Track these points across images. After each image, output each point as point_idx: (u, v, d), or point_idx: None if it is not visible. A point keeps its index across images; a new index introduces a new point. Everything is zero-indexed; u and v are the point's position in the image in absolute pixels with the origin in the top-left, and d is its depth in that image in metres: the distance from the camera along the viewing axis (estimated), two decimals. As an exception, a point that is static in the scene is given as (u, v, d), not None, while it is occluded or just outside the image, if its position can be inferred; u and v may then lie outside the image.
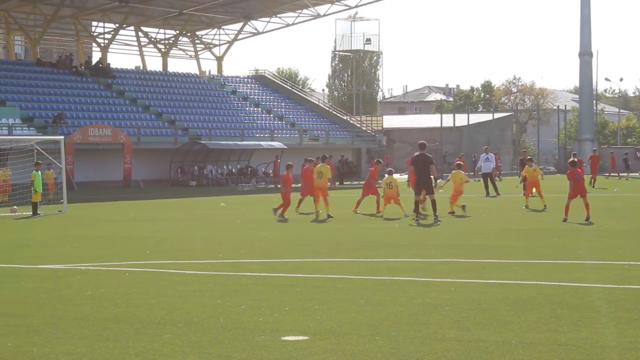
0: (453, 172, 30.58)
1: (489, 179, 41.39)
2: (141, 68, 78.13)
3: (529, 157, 38.01)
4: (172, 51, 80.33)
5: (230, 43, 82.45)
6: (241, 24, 79.68)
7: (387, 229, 24.44)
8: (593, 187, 47.44)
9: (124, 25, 74.52)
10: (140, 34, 77.59)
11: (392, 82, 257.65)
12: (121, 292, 13.68)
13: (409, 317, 11.34)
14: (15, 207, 33.86)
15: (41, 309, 12.43)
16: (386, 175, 29.61)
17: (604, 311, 11.61)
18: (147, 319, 11.50)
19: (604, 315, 11.32)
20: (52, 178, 40.28)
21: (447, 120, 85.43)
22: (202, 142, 62.24)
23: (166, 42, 79.96)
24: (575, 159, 28.63)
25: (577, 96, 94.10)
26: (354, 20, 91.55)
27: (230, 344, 9.99)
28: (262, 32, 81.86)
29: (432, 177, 27.63)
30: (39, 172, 32.89)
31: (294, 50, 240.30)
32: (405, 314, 11.54)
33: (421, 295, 12.94)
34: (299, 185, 31.32)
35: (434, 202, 26.73)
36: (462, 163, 33.25)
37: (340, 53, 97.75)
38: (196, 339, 10.28)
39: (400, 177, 35.33)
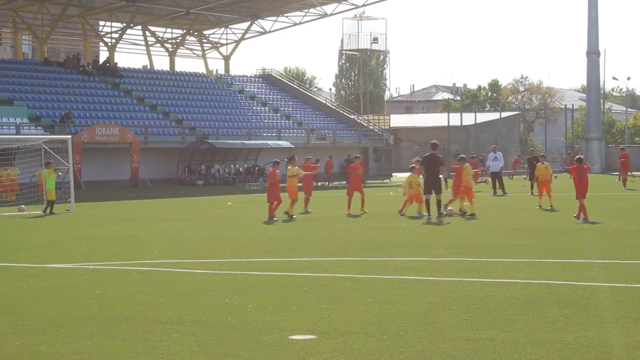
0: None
1: (496, 178, 41.38)
2: (148, 67, 78.24)
3: (541, 154, 36.88)
4: (179, 50, 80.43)
5: (238, 42, 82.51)
6: (248, 23, 79.73)
7: (395, 228, 24.41)
8: (625, 187, 45.14)
9: (131, 25, 74.61)
10: (147, 33, 77.71)
11: (399, 81, 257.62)
12: (129, 292, 13.70)
13: (417, 316, 11.33)
14: (23, 206, 33.92)
15: (48, 308, 12.45)
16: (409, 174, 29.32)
17: (611, 310, 11.59)
18: (155, 318, 11.51)
19: (612, 315, 11.30)
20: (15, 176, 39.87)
21: (454, 119, 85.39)
22: (210, 141, 62.28)
23: (173, 41, 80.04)
24: (582, 156, 28.43)
25: (585, 95, 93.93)
26: (361, 19, 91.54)
27: (238, 343, 9.99)
28: (269, 32, 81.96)
29: (440, 177, 27.56)
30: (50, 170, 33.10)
31: (301, 49, 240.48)
32: (413, 313, 11.53)
33: (429, 295, 12.93)
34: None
35: (439, 202, 26.75)
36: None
37: (348, 52, 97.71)
38: (204, 338, 10.28)
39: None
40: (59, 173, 33.64)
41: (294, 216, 28.42)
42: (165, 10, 73.09)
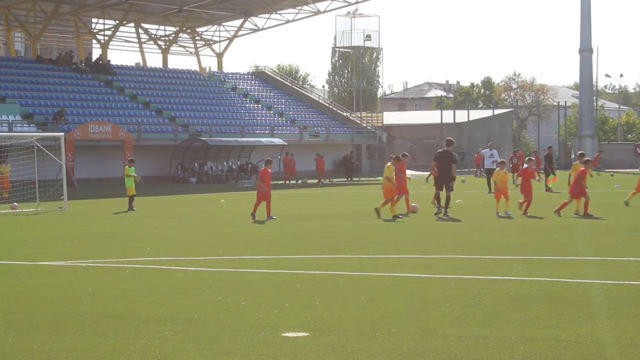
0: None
1: (491, 175, 41.36)
2: (141, 65, 78.08)
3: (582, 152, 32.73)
4: (172, 48, 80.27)
5: (231, 39, 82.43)
6: (241, 20, 79.65)
7: (388, 225, 24.43)
8: None
9: (124, 22, 74.47)
10: (140, 30, 77.56)
11: (392, 78, 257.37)
12: (121, 289, 13.70)
13: (409, 314, 11.34)
14: (15, 204, 33.85)
15: (42, 305, 12.44)
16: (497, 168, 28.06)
17: (604, 307, 11.62)
18: (148, 316, 11.51)
19: (604, 312, 11.33)
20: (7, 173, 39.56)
21: (447, 116, 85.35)
22: (203, 138, 62.21)
23: (166, 38, 79.92)
24: (532, 158, 28.25)
25: (578, 92, 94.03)
26: (354, 17, 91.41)
27: (231, 341, 9.99)
28: (262, 29, 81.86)
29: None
30: (132, 167, 33.18)
31: (294, 46, 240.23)
32: (406, 311, 11.54)
33: (421, 292, 12.94)
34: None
35: (448, 198, 26.67)
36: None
37: (341, 49, 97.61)
38: (196, 335, 10.29)
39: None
40: (137, 176, 33.57)
41: (400, 216, 26.39)
42: (158, 7, 72.96)
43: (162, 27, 79.69)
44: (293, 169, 58.83)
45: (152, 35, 79.22)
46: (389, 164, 27.91)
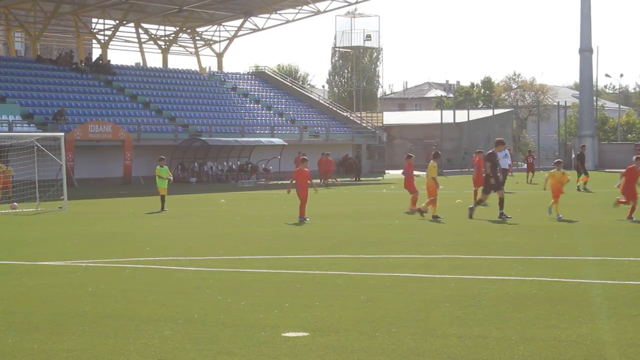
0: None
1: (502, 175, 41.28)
2: (141, 65, 78.06)
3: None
4: (172, 48, 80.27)
5: (231, 40, 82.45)
6: (241, 20, 79.66)
7: (388, 225, 24.42)
8: None
9: (124, 22, 74.47)
10: (140, 30, 77.56)
11: (392, 78, 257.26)
12: (121, 289, 13.69)
13: (410, 314, 11.34)
14: (15, 203, 33.84)
15: (42, 305, 12.43)
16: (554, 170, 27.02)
17: (604, 307, 11.61)
18: (148, 316, 11.50)
19: (604, 312, 11.33)
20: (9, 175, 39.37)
21: (447, 116, 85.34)
22: (203, 138, 62.21)
23: (166, 38, 79.91)
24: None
25: (578, 92, 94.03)
26: (354, 17, 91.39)
27: (231, 340, 9.99)
28: (262, 29, 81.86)
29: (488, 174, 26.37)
30: (164, 167, 33.01)
31: (294, 46, 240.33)
32: (406, 311, 11.54)
33: (421, 292, 12.94)
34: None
35: (479, 201, 26.62)
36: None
37: (341, 49, 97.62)
38: (196, 335, 10.29)
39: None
40: (170, 178, 33.23)
41: (440, 217, 26.03)
42: (158, 7, 72.96)
43: (162, 27, 79.71)
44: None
45: (152, 35, 79.22)
46: (432, 162, 27.20)
